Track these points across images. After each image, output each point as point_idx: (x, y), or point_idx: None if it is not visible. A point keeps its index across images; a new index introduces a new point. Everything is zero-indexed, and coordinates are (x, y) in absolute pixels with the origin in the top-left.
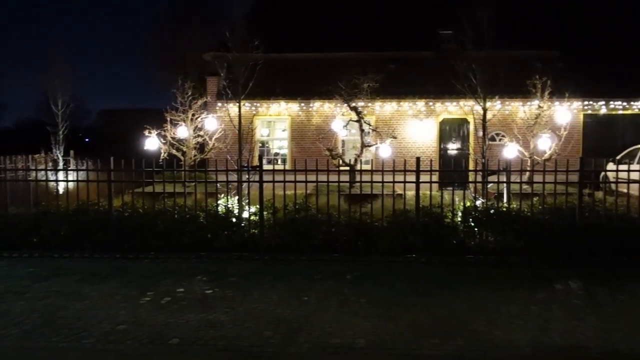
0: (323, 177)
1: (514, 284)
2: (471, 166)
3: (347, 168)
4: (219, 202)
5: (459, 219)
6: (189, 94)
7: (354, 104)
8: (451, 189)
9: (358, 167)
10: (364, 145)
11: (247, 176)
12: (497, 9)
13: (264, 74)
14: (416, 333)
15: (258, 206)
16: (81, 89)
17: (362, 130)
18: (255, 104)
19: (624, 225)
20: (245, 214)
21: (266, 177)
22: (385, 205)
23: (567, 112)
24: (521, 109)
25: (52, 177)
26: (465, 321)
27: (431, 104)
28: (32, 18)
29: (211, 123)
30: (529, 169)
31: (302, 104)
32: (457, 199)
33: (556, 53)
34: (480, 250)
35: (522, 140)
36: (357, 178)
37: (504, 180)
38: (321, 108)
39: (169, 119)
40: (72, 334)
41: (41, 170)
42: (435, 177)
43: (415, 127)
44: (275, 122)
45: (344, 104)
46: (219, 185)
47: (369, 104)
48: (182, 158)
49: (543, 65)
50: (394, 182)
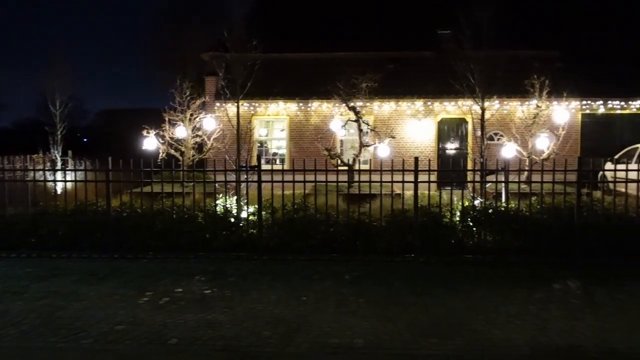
0: (321, 177)
1: (512, 283)
2: (469, 166)
3: (346, 168)
4: (217, 202)
5: (458, 218)
6: (187, 93)
7: (352, 104)
8: (449, 188)
9: (356, 167)
10: (362, 145)
11: (245, 176)
12: (496, 8)
13: (262, 74)
14: (415, 333)
15: (256, 206)
16: (81, 89)
17: (360, 130)
18: (253, 103)
19: (622, 224)
20: (244, 214)
21: (264, 177)
22: (384, 205)
23: (565, 112)
24: (519, 109)
25: (50, 177)
26: (463, 321)
27: (429, 103)
28: (32, 18)
29: (209, 123)
30: (527, 168)
31: (301, 104)
32: (455, 198)
33: (555, 53)
34: (479, 249)
35: (520, 139)
36: (356, 178)
37: (502, 179)
38: (319, 108)
39: (167, 119)
40: (70, 334)
41: (39, 170)
42: (433, 177)
43: (413, 126)
44: (273, 122)
45: (342, 103)
46: (217, 185)
47: (368, 104)
48: (180, 158)
49: (542, 65)
50: (392, 181)
